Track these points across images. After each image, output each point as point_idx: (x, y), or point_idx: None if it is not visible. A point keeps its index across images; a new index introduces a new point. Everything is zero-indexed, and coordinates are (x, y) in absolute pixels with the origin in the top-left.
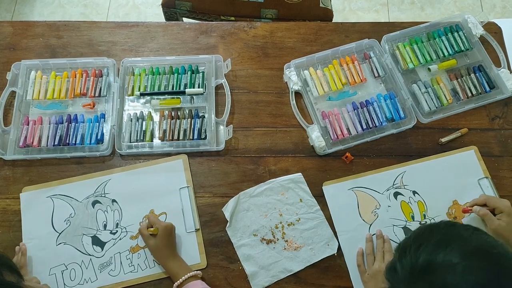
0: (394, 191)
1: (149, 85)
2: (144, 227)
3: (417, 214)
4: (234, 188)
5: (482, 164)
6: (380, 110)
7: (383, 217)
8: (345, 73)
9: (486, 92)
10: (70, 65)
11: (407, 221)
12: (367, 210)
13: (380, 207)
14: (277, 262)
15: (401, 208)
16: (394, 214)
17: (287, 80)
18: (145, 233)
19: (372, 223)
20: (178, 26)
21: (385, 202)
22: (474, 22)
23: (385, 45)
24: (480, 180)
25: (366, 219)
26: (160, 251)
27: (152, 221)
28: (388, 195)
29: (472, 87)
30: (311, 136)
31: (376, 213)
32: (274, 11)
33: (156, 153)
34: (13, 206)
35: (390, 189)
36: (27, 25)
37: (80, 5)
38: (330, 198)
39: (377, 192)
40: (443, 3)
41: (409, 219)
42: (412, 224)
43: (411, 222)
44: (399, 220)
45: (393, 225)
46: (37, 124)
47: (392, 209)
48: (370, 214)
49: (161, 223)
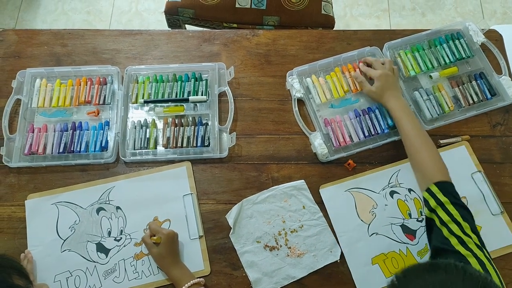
0: (390, 190)
1: (152, 92)
2: (147, 236)
3: (414, 211)
4: (237, 195)
5: (474, 158)
6: (382, 117)
7: (380, 216)
8: (347, 80)
9: (487, 99)
10: (74, 73)
11: (404, 219)
12: (365, 210)
13: (377, 206)
14: (280, 269)
15: (398, 206)
16: (392, 213)
17: (289, 88)
18: (149, 242)
19: (370, 222)
20: (181, 34)
21: (382, 201)
22: (475, 29)
23: (386, 52)
24: (473, 174)
25: (364, 219)
26: (163, 259)
27: (154, 230)
28: (384, 194)
29: (474, 94)
30: (313, 143)
31: (373, 213)
32: (276, 18)
33: (159, 160)
34: (18, 213)
35: (386, 188)
36: (32, 33)
37: (83, 12)
38: (328, 201)
39: (373, 192)
40: (444, 9)
41: (406, 216)
42: (410, 221)
43: (409, 219)
44: (397, 218)
45: (391, 224)
46: (42, 131)
47: (389, 208)
48: (368, 214)
49: (163, 231)
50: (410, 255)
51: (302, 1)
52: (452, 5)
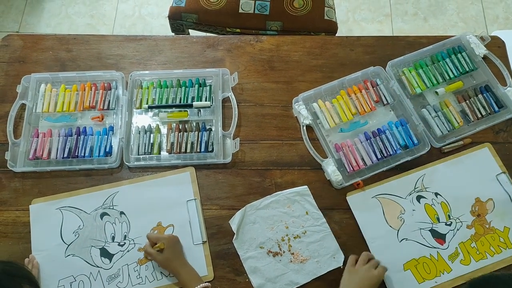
0: (417, 194)
1: (157, 98)
2: (148, 246)
3: (441, 215)
4: (240, 201)
5: (498, 160)
6: (393, 138)
7: (409, 221)
8: (354, 103)
9: (495, 112)
10: (79, 78)
11: (433, 223)
12: (393, 216)
13: (405, 212)
14: (283, 274)
15: (425, 211)
16: (420, 218)
17: (296, 115)
18: (152, 251)
19: (399, 228)
20: (185, 39)
21: (409, 206)
22: (476, 42)
23: (390, 71)
24: (498, 176)
25: (393, 225)
26: (171, 262)
27: (154, 238)
28: (411, 199)
29: (481, 108)
30: (326, 170)
31: (402, 218)
32: (279, 23)
33: (163, 165)
34: (23, 218)
35: (412, 193)
36: (37, 38)
37: (87, 16)
38: (355, 208)
39: (400, 198)
40: (446, 14)
41: (435, 221)
42: (439, 225)
43: (437, 223)
44: (425, 223)
45: (420, 229)
46: (47, 136)
47: (417, 213)
48: (396, 219)
49: (164, 237)
50: (441, 259)
51: (305, 7)
52: (454, 11)
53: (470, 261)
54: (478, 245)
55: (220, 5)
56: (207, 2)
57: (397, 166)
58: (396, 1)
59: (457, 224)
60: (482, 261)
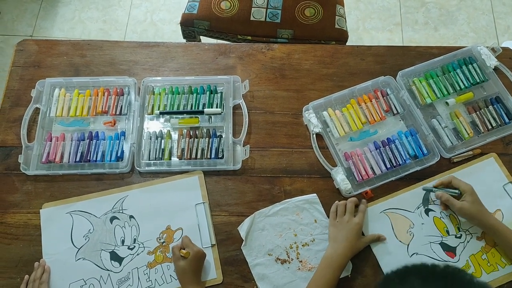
0: (425, 208)
1: (168, 104)
2: (177, 248)
3: (451, 228)
4: (249, 208)
5: (504, 169)
6: (403, 148)
7: (418, 235)
8: (364, 112)
9: (505, 123)
10: (92, 83)
11: (443, 237)
12: (402, 231)
13: (414, 226)
14: (291, 282)
15: (434, 224)
16: (429, 231)
17: (306, 123)
18: (177, 254)
19: (409, 243)
20: (197, 46)
21: (418, 220)
22: (487, 53)
23: (400, 81)
24: (505, 186)
25: (402, 239)
26: (185, 273)
27: (186, 243)
28: (419, 213)
29: (492, 119)
30: (335, 178)
31: (411, 233)
32: (290, 31)
33: (174, 171)
34: (34, 221)
35: (420, 207)
36: (52, 43)
37: (100, 21)
38: (364, 223)
39: (408, 212)
40: (457, 24)
41: (444, 234)
42: (448, 238)
43: (447, 236)
44: (435, 236)
45: (430, 242)
46: (60, 140)
47: (426, 226)
48: (405, 234)
49: (194, 248)
50: None
51: (316, 16)
52: (465, 20)
53: (481, 274)
54: (489, 257)
55: (232, 12)
56: (219, 10)
57: (407, 176)
58: (407, 10)
59: (467, 236)
60: (493, 273)
